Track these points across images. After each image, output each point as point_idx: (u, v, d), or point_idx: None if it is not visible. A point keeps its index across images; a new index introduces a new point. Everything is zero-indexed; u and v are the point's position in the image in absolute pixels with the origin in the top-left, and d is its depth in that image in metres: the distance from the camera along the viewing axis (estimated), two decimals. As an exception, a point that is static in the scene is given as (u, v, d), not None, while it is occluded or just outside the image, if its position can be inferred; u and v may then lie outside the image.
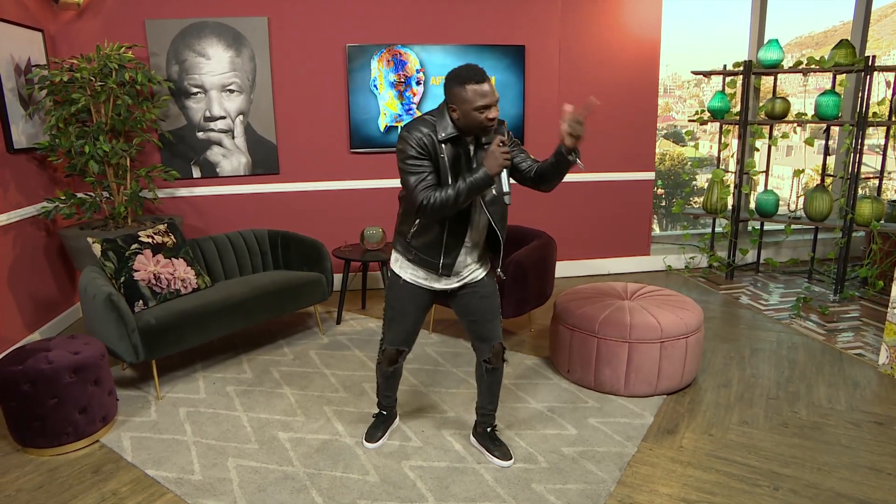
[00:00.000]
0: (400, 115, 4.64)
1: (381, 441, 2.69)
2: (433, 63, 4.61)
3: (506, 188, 2.09)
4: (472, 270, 2.39)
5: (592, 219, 5.22)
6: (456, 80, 2.04)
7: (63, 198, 3.87)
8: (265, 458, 2.59)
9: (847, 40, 4.57)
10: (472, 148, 2.21)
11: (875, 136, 5.13)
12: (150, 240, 3.37)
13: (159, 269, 3.32)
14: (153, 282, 3.27)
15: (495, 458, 2.55)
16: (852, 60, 4.50)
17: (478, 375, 2.56)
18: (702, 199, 5.92)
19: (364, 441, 2.69)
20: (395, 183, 4.78)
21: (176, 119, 4.35)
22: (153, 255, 3.34)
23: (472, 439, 2.69)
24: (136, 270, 3.23)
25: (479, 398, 2.60)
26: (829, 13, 6.43)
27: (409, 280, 2.37)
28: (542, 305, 3.91)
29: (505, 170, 2.05)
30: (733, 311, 4.41)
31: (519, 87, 4.77)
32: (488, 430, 2.62)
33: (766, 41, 4.94)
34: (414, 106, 4.65)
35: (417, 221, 2.23)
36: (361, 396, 3.13)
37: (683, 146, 6.61)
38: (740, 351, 3.71)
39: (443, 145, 2.11)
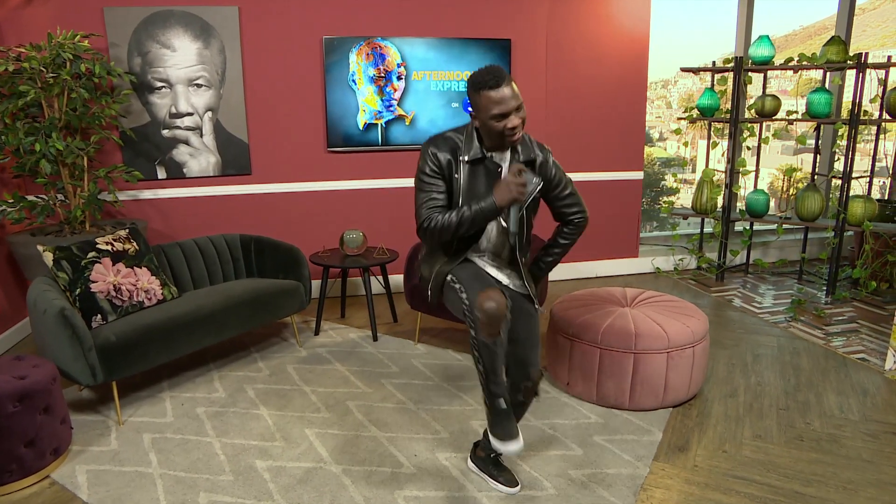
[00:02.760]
0: (380, 112, 4.39)
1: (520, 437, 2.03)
2: (415, 57, 4.37)
3: (512, 227, 1.97)
4: (511, 277, 2.20)
5: (580, 220, 5.03)
6: (472, 85, 1.90)
7: (11, 201, 3.51)
8: (241, 491, 2.31)
9: (838, 37, 4.48)
10: (506, 164, 2.06)
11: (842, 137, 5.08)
12: (109, 247, 3.06)
13: (120, 279, 3.01)
14: (113, 294, 2.96)
15: (501, 485, 2.32)
16: (844, 57, 4.41)
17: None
18: (673, 198, 5.82)
19: (503, 444, 1.99)
20: (376, 184, 4.53)
21: (139, 115, 4.02)
22: (113, 264, 3.02)
23: (471, 464, 2.45)
24: (94, 281, 2.91)
25: None
26: (791, 18, 6.40)
27: (469, 258, 2.14)
28: (536, 312, 3.70)
29: (517, 204, 1.92)
30: (728, 315, 4.26)
31: (505, 84, 4.55)
32: (492, 455, 2.39)
33: (741, 38, 4.84)
34: (395, 102, 4.40)
35: (425, 247, 2.14)
36: (346, 416, 2.87)
37: (652, 146, 6.54)
38: (742, 357, 3.56)
39: (463, 165, 1.99)
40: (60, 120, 3.50)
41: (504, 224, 2.06)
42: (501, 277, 2.19)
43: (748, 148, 4.98)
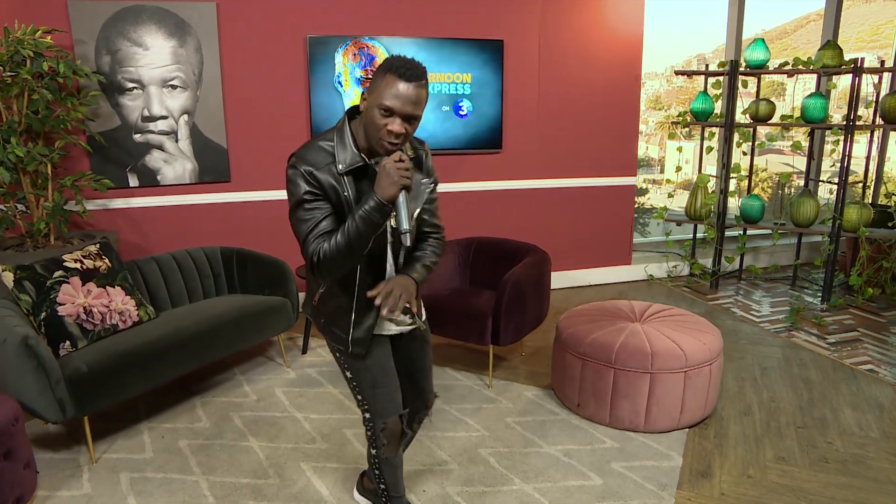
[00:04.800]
0: (368, 116, 4.16)
1: None
2: (405, 58, 4.15)
3: (404, 224, 1.54)
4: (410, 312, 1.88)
5: (571, 227, 4.89)
6: (386, 64, 1.55)
7: (-35, 213, 3.19)
8: (235, 540, 2.08)
9: (833, 41, 4.43)
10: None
11: (801, 137, 5.05)
12: (78, 265, 2.77)
13: (91, 300, 2.73)
14: (83, 317, 2.67)
15: None
16: (839, 62, 4.36)
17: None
18: (642, 199, 5.76)
19: None
20: (364, 191, 4.30)
21: (108, 119, 3.72)
22: (83, 284, 2.74)
23: (358, 496, 2.27)
24: (61, 304, 2.63)
25: None
26: (753, 21, 6.38)
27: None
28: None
29: (405, 192, 1.54)
30: (729, 325, 4.16)
31: (497, 86, 4.38)
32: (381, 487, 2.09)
33: (731, 41, 4.76)
34: (384, 105, 4.17)
35: (325, 282, 1.76)
36: (344, 447, 2.65)
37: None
38: (750, 370, 3.44)
39: (345, 179, 1.61)
40: (20, 123, 3.20)
41: (394, 226, 1.64)
42: (403, 319, 1.87)
43: (712, 149, 4.89)
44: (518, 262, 3.44)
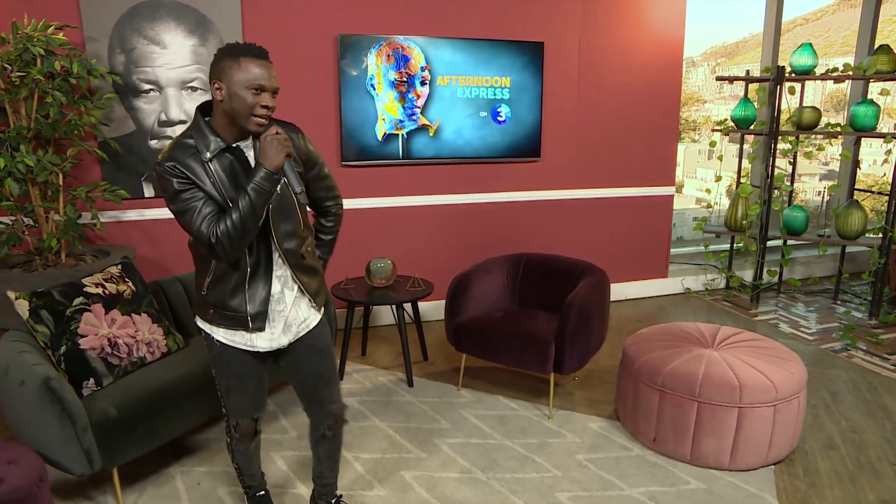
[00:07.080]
0: (401, 121, 3.89)
1: None
2: (440, 60, 3.89)
3: (297, 186, 1.67)
4: (304, 316, 1.89)
5: (609, 239, 4.65)
6: (227, 51, 1.60)
7: (-33, 229, 2.86)
8: None
9: (887, 45, 4.23)
10: (252, 152, 1.74)
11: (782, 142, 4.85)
12: (100, 290, 2.46)
13: (115, 330, 2.42)
14: (108, 350, 2.36)
15: None
16: (893, 67, 4.17)
17: (313, 443, 2.08)
18: None
19: None
20: (397, 202, 4.03)
21: (121, 123, 3.40)
22: (106, 312, 2.42)
23: None
24: (83, 335, 2.32)
25: (318, 466, 2.11)
26: (741, 24, 6.23)
27: (224, 341, 1.83)
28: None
29: (288, 159, 1.65)
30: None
31: (537, 90, 4.12)
32: (332, 501, 2.16)
33: (768, 46, 4.54)
34: (417, 110, 3.91)
35: (213, 268, 1.78)
36: (406, 493, 2.37)
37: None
38: (821, 397, 3.22)
39: (210, 165, 1.66)
40: (30, 129, 2.88)
41: (289, 190, 1.76)
42: (296, 315, 1.87)
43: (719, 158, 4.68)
44: (573, 281, 3.19)
